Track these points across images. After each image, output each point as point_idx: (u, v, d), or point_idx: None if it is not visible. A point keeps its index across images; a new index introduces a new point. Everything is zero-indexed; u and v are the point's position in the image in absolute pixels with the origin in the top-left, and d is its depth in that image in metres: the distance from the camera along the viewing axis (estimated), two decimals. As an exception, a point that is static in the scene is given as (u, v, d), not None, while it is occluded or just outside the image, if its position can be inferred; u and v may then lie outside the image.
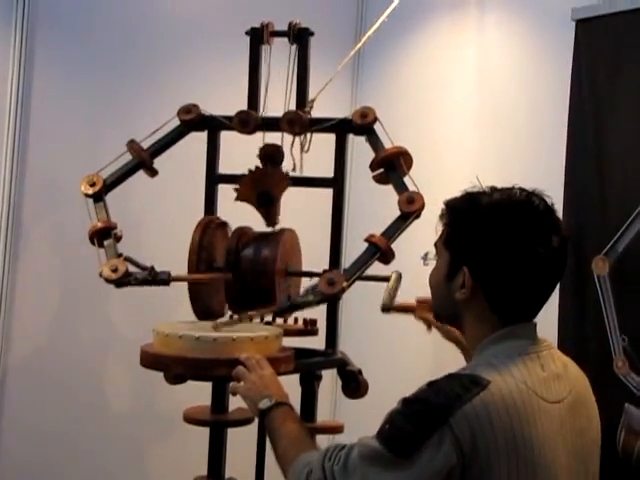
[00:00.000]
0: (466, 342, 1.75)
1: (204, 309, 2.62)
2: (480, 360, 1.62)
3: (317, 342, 2.72)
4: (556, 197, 3.01)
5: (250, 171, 2.66)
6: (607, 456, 2.56)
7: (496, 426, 1.50)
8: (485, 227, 1.63)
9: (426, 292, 1.82)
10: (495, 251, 1.61)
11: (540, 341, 1.68)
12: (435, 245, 1.75)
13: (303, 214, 2.93)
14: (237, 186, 2.64)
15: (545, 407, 1.58)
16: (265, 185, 2.67)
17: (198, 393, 2.68)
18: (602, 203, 2.97)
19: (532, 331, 1.68)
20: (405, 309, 2.46)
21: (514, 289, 1.63)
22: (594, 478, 1.72)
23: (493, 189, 1.69)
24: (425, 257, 1.85)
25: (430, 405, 1.51)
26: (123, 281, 2.46)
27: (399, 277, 2.56)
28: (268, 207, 2.69)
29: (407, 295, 2.50)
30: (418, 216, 2.45)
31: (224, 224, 2.73)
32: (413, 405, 1.53)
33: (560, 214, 3.00)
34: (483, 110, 3.64)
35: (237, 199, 2.65)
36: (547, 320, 1.73)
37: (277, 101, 2.73)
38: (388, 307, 2.49)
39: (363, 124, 2.64)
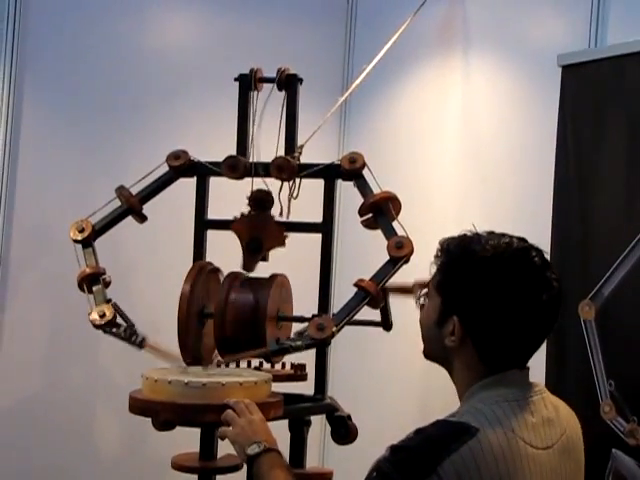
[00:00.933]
0: (455, 386, 1.74)
1: (193, 355, 2.61)
2: (469, 407, 1.61)
3: (306, 387, 2.71)
4: (543, 241, 3.06)
5: (250, 213, 2.68)
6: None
7: (484, 475, 1.49)
8: (476, 279, 1.62)
9: (417, 328, 1.80)
10: (486, 304, 1.60)
11: (531, 386, 1.67)
12: (427, 285, 1.75)
13: (292, 259, 2.94)
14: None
15: (534, 454, 1.57)
16: (259, 232, 2.68)
17: (187, 439, 2.67)
18: (588, 248, 2.98)
19: (523, 377, 1.68)
20: (403, 290, 2.46)
21: (504, 341, 1.62)
22: None
23: (489, 236, 1.67)
24: (422, 296, 1.83)
25: (418, 454, 1.50)
26: (106, 328, 2.46)
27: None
28: (254, 254, 2.70)
29: (396, 342, 2.50)
30: (407, 261, 2.46)
31: (216, 269, 2.73)
32: (401, 453, 1.52)
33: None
34: (469, 155, 3.66)
35: (232, 228, 2.68)
36: (535, 365, 1.72)
37: (266, 147, 2.74)
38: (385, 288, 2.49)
39: (352, 169, 2.66)
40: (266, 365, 2.70)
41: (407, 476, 1.48)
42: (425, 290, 1.76)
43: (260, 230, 2.69)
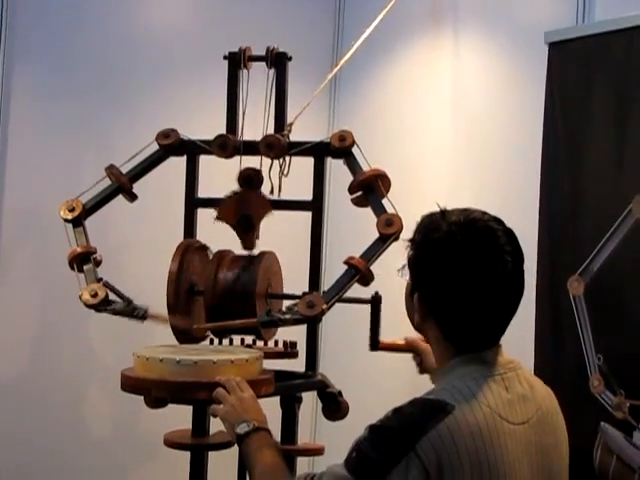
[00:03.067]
0: (435, 361, 1.75)
1: (185, 333, 2.62)
2: (445, 384, 1.62)
3: (297, 364, 2.72)
4: (531, 216, 3.07)
5: (233, 193, 2.68)
6: (583, 475, 2.58)
7: (461, 451, 1.51)
8: (432, 262, 1.63)
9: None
10: (442, 286, 1.61)
11: (505, 362, 1.68)
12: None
13: (282, 236, 2.94)
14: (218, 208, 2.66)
15: (510, 429, 1.59)
16: (246, 209, 2.69)
17: (179, 416, 2.68)
18: (576, 223, 2.99)
19: (495, 354, 1.67)
20: (394, 347, 2.50)
21: (464, 323, 1.63)
22: None
23: (457, 214, 1.66)
24: (403, 269, 1.84)
25: (396, 433, 1.52)
26: (101, 307, 2.47)
27: (377, 304, 2.58)
28: (247, 231, 2.70)
29: (390, 316, 2.51)
30: (397, 238, 2.47)
31: (204, 247, 2.73)
32: (379, 433, 1.54)
33: (535, 234, 3.03)
34: (459, 131, 3.67)
35: (217, 218, 2.67)
36: (523, 339, 1.73)
37: (256, 125, 2.74)
38: (376, 346, 2.52)
39: (341, 147, 2.66)
40: (258, 343, 2.72)
41: (386, 455, 1.50)
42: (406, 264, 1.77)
43: (247, 207, 2.69)
